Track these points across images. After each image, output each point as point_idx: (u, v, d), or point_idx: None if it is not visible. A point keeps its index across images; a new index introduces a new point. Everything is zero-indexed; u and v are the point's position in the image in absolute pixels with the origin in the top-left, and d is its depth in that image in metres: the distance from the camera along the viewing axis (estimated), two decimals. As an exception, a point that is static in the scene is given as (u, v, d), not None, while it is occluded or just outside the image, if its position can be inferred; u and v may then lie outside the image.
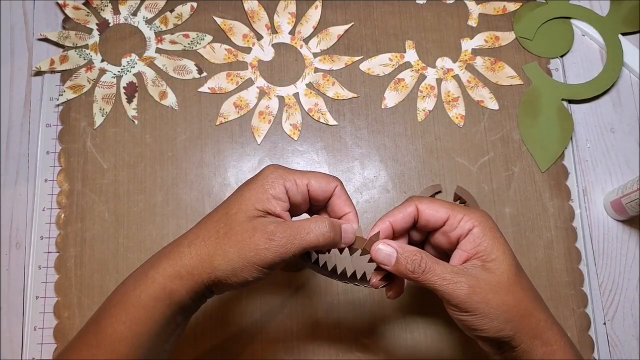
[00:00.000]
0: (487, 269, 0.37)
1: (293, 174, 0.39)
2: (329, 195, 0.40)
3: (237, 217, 0.37)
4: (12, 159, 0.57)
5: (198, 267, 0.36)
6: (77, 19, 0.62)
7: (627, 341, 0.54)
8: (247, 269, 0.36)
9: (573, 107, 0.60)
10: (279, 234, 0.36)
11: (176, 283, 0.36)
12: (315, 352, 0.53)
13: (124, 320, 0.36)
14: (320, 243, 0.37)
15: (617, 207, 0.55)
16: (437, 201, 0.40)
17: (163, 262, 0.37)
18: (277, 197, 0.38)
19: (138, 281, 0.37)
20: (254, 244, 0.36)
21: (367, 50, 0.61)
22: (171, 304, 0.36)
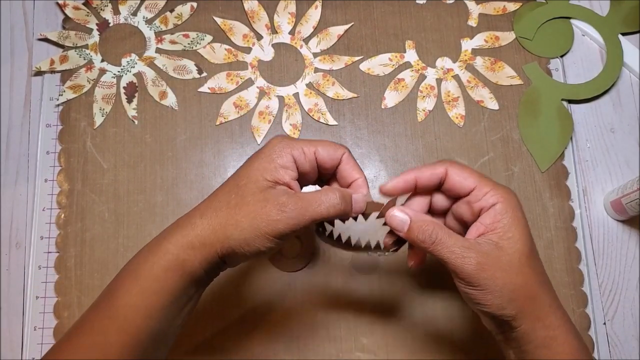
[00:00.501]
0: (499, 247, 0.37)
1: (300, 143, 0.39)
2: (337, 163, 0.40)
3: (247, 188, 0.38)
4: (12, 159, 0.58)
5: (211, 237, 0.37)
6: (77, 19, 0.62)
7: (627, 341, 0.54)
8: (259, 239, 0.37)
9: (573, 107, 0.60)
10: (291, 206, 0.37)
11: (189, 253, 0.37)
12: (315, 352, 0.53)
13: (136, 292, 0.37)
14: (331, 214, 0.38)
15: (617, 207, 0.55)
16: (468, 169, 0.40)
17: (176, 233, 0.38)
18: (285, 167, 0.38)
19: (151, 252, 0.38)
20: (266, 215, 0.36)
21: (367, 50, 0.61)
22: (184, 275, 0.37)
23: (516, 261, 0.37)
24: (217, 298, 0.53)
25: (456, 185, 0.39)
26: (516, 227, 0.37)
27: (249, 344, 0.52)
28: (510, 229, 0.37)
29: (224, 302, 0.53)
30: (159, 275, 0.37)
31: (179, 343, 0.52)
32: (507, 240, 0.37)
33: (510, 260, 0.36)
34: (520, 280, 0.36)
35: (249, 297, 0.54)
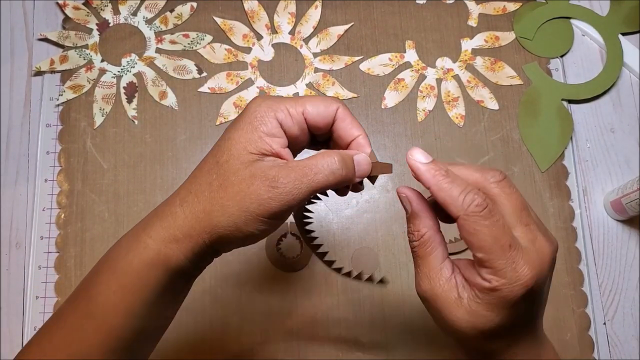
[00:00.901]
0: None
1: (284, 102, 0.34)
2: (331, 121, 0.35)
3: (229, 165, 0.33)
4: (12, 159, 0.57)
5: (195, 227, 0.33)
6: (77, 19, 0.62)
7: (627, 341, 0.54)
8: (251, 222, 0.32)
9: (573, 107, 0.60)
10: (283, 179, 0.32)
11: (172, 247, 0.33)
12: (315, 352, 0.53)
13: (115, 289, 0.33)
14: (332, 182, 0.33)
15: (617, 207, 0.55)
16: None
17: (156, 225, 0.33)
18: (271, 134, 0.33)
19: (130, 245, 0.34)
20: (255, 194, 0.32)
21: (367, 50, 0.61)
22: (168, 270, 0.33)
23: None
24: (216, 298, 0.53)
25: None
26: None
27: (249, 344, 0.52)
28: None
29: (223, 302, 0.53)
30: (139, 271, 0.33)
31: (179, 343, 0.52)
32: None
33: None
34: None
35: (248, 297, 0.54)
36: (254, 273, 0.54)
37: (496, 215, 0.30)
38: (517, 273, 0.30)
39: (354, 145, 0.35)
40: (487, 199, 0.31)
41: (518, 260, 0.30)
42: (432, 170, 0.32)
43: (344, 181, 0.34)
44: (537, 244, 0.31)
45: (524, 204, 0.32)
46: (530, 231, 0.31)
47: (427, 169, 0.32)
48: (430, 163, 0.32)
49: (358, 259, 0.55)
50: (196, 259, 0.34)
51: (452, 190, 0.31)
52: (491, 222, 0.30)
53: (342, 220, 0.56)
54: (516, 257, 0.30)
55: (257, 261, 0.55)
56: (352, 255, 0.55)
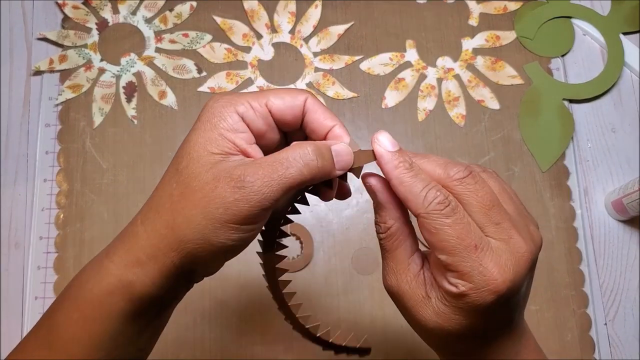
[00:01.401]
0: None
1: (244, 95, 0.30)
2: (299, 113, 0.31)
3: (190, 170, 0.29)
4: (11, 159, 0.57)
5: (159, 246, 0.29)
6: (76, 19, 0.61)
7: (628, 342, 0.54)
8: (221, 231, 0.28)
9: (574, 106, 0.60)
10: (249, 177, 0.27)
11: (135, 272, 0.29)
12: (315, 352, 0.52)
13: (76, 319, 0.30)
14: (307, 177, 0.29)
15: (618, 207, 0.55)
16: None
17: (118, 248, 0.30)
18: (233, 129, 0.29)
19: (93, 272, 0.30)
20: (219, 198, 0.28)
21: (367, 49, 0.61)
22: (132, 299, 0.29)
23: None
24: (216, 298, 0.53)
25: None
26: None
27: (249, 344, 0.52)
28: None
29: (223, 302, 0.53)
30: (101, 300, 0.29)
31: (179, 343, 0.52)
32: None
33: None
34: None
35: (248, 297, 0.54)
36: (254, 273, 0.54)
37: (460, 212, 0.28)
38: (486, 277, 0.27)
39: (331, 136, 0.32)
40: (450, 195, 0.28)
41: (486, 263, 0.27)
42: (395, 161, 0.29)
43: (322, 174, 0.30)
44: (511, 244, 0.28)
45: (493, 201, 0.29)
46: (502, 230, 0.28)
47: (390, 158, 0.30)
48: (395, 152, 0.30)
49: (358, 259, 0.55)
50: (167, 284, 0.30)
51: (413, 185, 0.29)
52: (453, 221, 0.27)
53: (342, 220, 0.56)
54: (483, 259, 0.27)
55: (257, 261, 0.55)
56: (352, 255, 0.55)
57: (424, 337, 0.31)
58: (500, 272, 0.27)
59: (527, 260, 0.28)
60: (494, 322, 0.29)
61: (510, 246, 0.28)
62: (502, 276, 0.27)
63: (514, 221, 0.29)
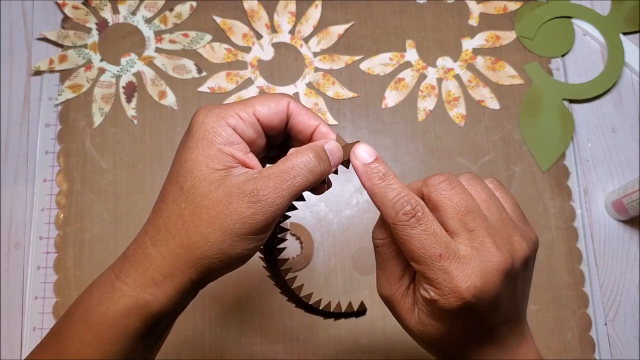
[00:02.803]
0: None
1: (231, 107, 0.31)
2: (284, 117, 0.33)
3: (197, 189, 0.30)
4: (11, 159, 0.57)
5: (177, 265, 0.30)
6: (76, 19, 0.61)
7: (628, 342, 0.54)
8: (238, 243, 0.30)
9: (574, 106, 0.60)
10: (262, 191, 0.29)
11: (152, 292, 0.30)
12: (315, 352, 0.52)
13: (89, 341, 0.30)
14: (312, 181, 0.31)
15: (618, 207, 0.55)
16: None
17: (130, 271, 0.31)
18: (229, 142, 0.30)
19: (104, 294, 0.31)
20: (236, 214, 0.29)
21: (367, 49, 0.61)
22: (148, 317, 0.30)
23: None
24: (216, 299, 0.53)
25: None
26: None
27: (248, 345, 0.52)
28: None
29: (223, 302, 0.53)
30: (116, 321, 0.30)
31: (179, 343, 0.52)
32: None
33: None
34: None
35: (248, 297, 0.54)
36: (254, 273, 0.54)
37: (425, 223, 0.29)
38: (450, 284, 0.28)
39: (317, 135, 0.33)
40: (419, 205, 0.29)
41: (451, 271, 0.28)
42: (368, 173, 0.31)
43: (324, 175, 0.32)
44: (483, 252, 0.29)
45: (469, 207, 0.29)
46: (474, 238, 0.29)
47: (364, 171, 0.31)
48: (369, 164, 0.31)
49: (358, 260, 0.55)
50: (181, 298, 0.31)
51: (384, 195, 0.30)
52: (419, 231, 0.28)
53: (342, 221, 0.56)
54: (449, 267, 0.28)
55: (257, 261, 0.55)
56: (352, 255, 0.55)
57: (417, 342, 0.32)
58: (465, 279, 0.28)
59: (499, 271, 0.28)
60: (469, 327, 0.30)
61: (481, 254, 0.28)
62: (467, 283, 0.28)
63: (492, 229, 0.29)
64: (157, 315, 0.31)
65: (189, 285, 0.31)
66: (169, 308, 0.31)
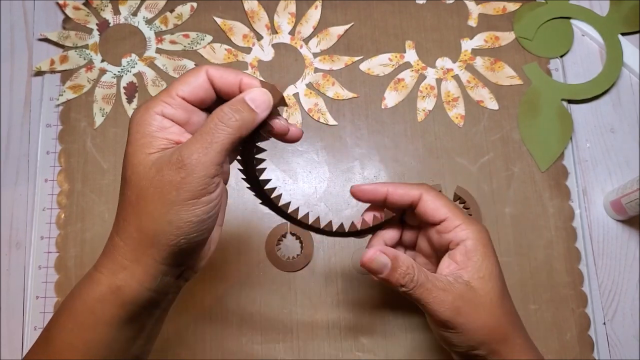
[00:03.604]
0: (472, 287, 0.36)
1: (157, 97, 0.33)
2: (208, 86, 0.33)
3: (135, 174, 0.31)
4: (12, 159, 0.58)
5: (137, 248, 0.31)
6: (77, 19, 0.62)
7: (627, 341, 0.54)
8: (182, 211, 0.31)
9: (573, 107, 0.60)
10: (187, 154, 0.30)
11: (121, 277, 0.32)
12: (315, 352, 0.53)
13: (71, 328, 0.32)
14: (236, 133, 0.31)
15: (617, 207, 0.55)
16: (443, 199, 0.38)
17: (104, 261, 0.33)
18: (160, 128, 0.32)
19: (85, 284, 0.33)
20: (169, 183, 0.30)
21: (367, 50, 0.61)
22: (123, 303, 0.32)
23: (488, 303, 0.36)
24: (216, 298, 0.53)
25: (428, 213, 0.38)
26: (487, 266, 0.37)
27: (249, 344, 0.52)
28: (481, 268, 0.36)
29: (223, 302, 0.53)
30: (93, 307, 0.32)
31: (178, 343, 0.52)
32: (478, 280, 0.36)
33: (483, 302, 0.36)
34: (492, 322, 0.36)
35: (248, 297, 0.54)
36: (254, 273, 0.54)
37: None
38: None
39: (244, 88, 0.33)
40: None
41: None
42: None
43: (248, 124, 0.32)
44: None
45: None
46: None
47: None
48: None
49: (358, 259, 0.55)
50: (154, 283, 0.32)
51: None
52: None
53: (342, 220, 0.56)
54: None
55: (257, 261, 0.55)
56: (352, 255, 0.55)
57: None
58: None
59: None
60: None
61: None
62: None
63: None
64: (132, 302, 0.32)
65: (156, 267, 0.32)
66: (142, 294, 0.32)
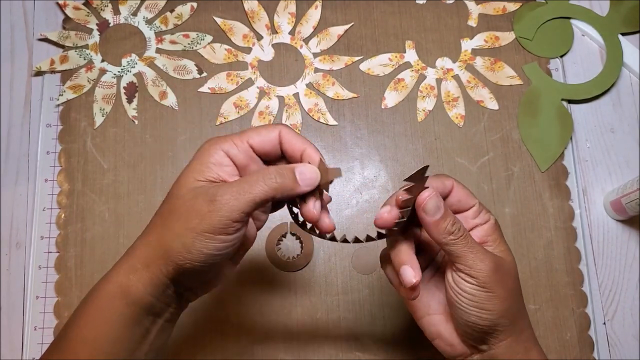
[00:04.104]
0: (499, 257, 0.38)
1: (230, 137, 0.36)
2: (277, 143, 0.37)
3: (177, 193, 0.35)
4: (12, 159, 0.58)
5: (150, 255, 0.34)
6: (77, 19, 0.62)
7: (627, 341, 0.54)
8: (198, 240, 0.33)
9: (573, 107, 0.60)
10: (221, 193, 0.33)
11: (131, 278, 0.34)
12: (315, 352, 0.53)
13: (84, 323, 0.35)
14: (270, 193, 0.34)
15: (617, 207, 0.55)
16: (467, 188, 0.40)
17: (122, 261, 0.36)
18: (218, 163, 0.35)
19: (101, 282, 0.36)
20: (196, 211, 0.33)
21: (367, 50, 0.61)
22: (129, 303, 0.34)
23: (513, 270, 0.38)
24: (217, 298, 0.53)
25: (462, 200, 0.39)
26: (503, 242, 0.39)
27: (249, 344, 0.52)
28: (501, 243, 0.38)
29: (223, 302, 0.53)
30: (104, 304, 0.34)
31: (179, 343, 0.52)
32: (501, 253, 0.38)
33: (510, 269, 0.37)
34: (517, 290, 0.38)
35: (248, 297, 0.54)
36: (254, 273, 0.54)
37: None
38: None
39: (305, 158, 0.37)
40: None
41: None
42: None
43: (283, 189, 0.34)
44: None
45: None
46: None
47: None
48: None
49: (358, 259, 0.55)
50: (157, 291, 0.35)
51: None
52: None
53: (342, 220, 0.56)
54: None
55: (257, 261, 0.55)
56: (352, 255, 0.55)
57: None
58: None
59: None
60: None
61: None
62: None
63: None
64: (136, 303, 0.34)
65: (161, 278, 0.34)
66: (147, 300, 0.34)
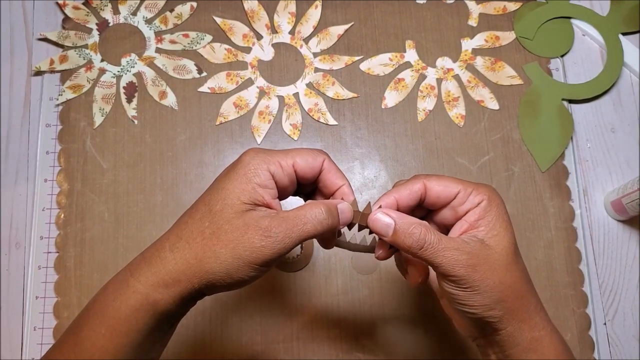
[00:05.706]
0: (486, 245, 0.35)
1: (276, 155, 0.36)
2: (318, 172, 0.37)
3: (223, 214, 0.34)
4: (11, 159, 0.57)
5: (186, 272, 0.34)
6: (77, 19, 0.62)
7: (627, 341, 0.54)
8: (242, 269, 0.34)
9: (573, 107, 0.60)
10: (275, 229, 0.33)
11: (161, 292, 0.34)
12: (315, 352, 0.53)
13: (103, 333, 0.34)
14: (319, 231, 0.35)
15: (618, 207, 0.55)
16: (445, 176, 0.38)
17: (144, 270, 0.35)
18: (264, 185, 0.35)
19: (118, 290, 0.35)
20: (248, 243, 0.33)
21: (367, 50, 0.61)
22: (155, 314, 0.34)
23: (504, 259, 0.35)
24: (216, 298, 0.53)
25: (441, 195, 0.37)
26: (500, 224, 0.36)
27: (249, 344, 0.52)
28: (495, 226, 0.36)
29: (223, 302, 0.53)
30: (128, 316, 0.34)
31: (179, 343, 0.52)
32: (493, 238, 0.35)
33: (499, 259, 0.35)
34: (509, 279, 0.35)
35: (248, 297, 0.54)
36: (254, 273, 0.54)
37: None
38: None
39: (339, 194, 0.37)
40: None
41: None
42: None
43: (330, 230, 0.35)
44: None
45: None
46: None
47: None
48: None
49: (358, 259, 0.55)
50: (182, 303, 0.35)
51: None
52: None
53: (342, 220, 0.56)
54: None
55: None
56: (352, 255, 0.55)
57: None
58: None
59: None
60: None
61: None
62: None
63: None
64: (163, 314, 0.34)
65: (192, 293, 0.34)
66: (172, 310, 0.35)
